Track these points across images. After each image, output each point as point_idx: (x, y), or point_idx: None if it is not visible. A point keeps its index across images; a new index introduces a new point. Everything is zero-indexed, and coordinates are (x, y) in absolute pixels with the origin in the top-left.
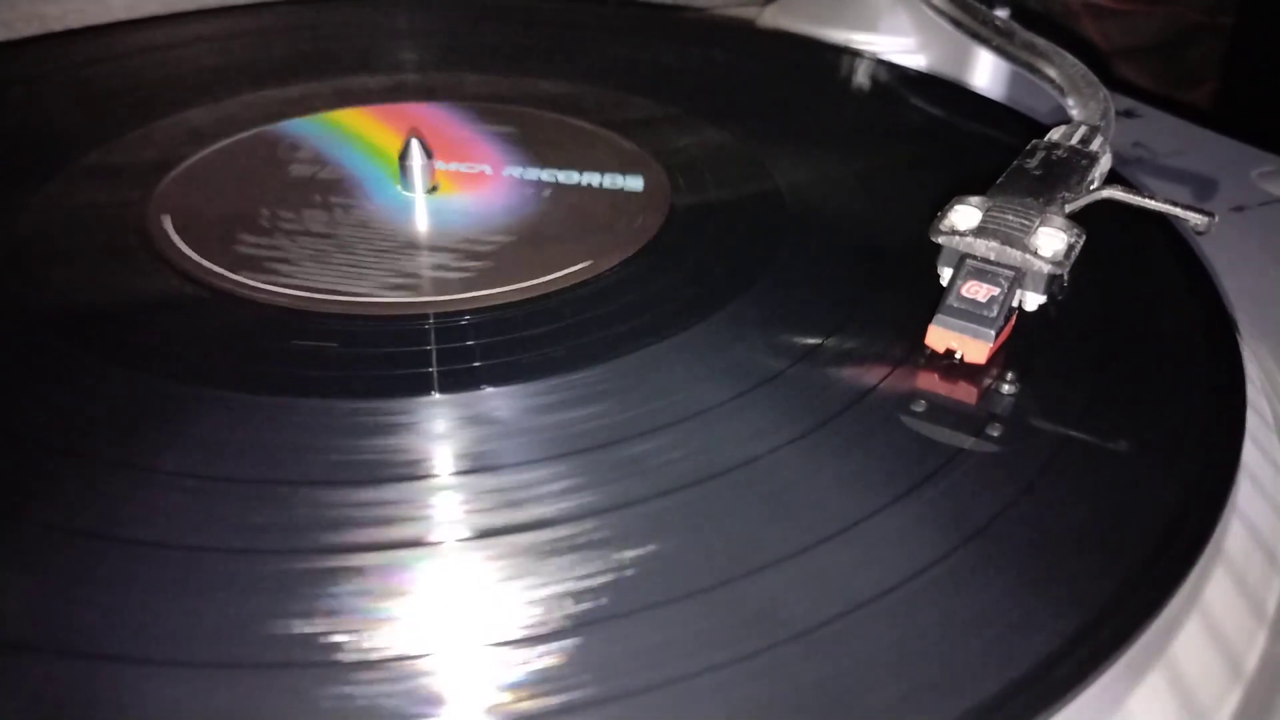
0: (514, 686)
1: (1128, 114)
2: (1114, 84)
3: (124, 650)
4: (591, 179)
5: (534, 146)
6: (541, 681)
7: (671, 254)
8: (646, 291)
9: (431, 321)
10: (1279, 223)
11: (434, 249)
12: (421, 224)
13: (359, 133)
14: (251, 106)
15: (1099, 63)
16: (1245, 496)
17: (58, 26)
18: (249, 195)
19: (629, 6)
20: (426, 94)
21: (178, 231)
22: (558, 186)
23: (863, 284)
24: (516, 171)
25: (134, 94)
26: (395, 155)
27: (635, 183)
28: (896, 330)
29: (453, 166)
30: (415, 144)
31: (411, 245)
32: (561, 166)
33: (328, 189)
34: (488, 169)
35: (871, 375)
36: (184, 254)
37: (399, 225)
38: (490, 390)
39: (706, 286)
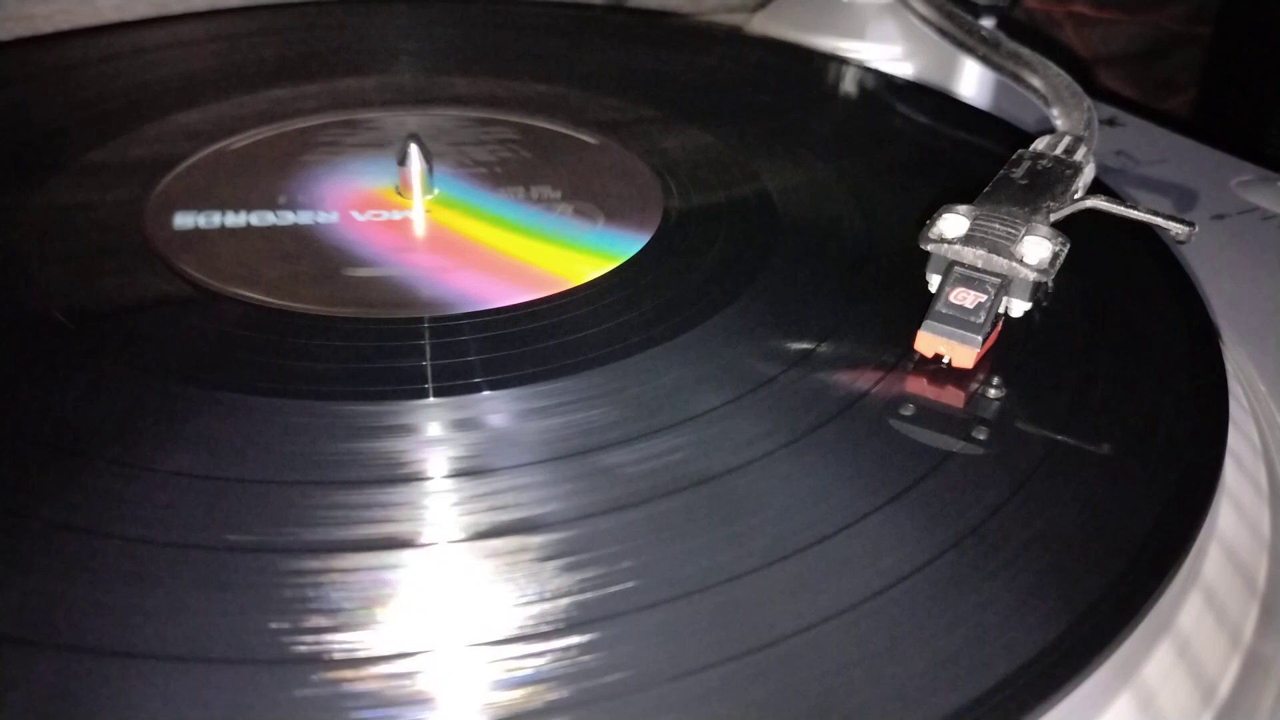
0: (503, 686)
1: (1110, 122)
2: (1096, 92)
3: (118, 645)
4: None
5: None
6: (531, 682)
7: (663, 261)
8: (638, 298)
9: (426, 325)
10: (1258, 230)
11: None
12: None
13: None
14: (243, 109)
15: (1081, 71)
16: (1224, 515)
17: (46, 28)
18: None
19: (618, 12)
20: (418, 97)
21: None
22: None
23: (852, 291)
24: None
25: (124, 96)
26: (395, 160)
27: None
28: (886, 336)
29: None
30: (414, 149)
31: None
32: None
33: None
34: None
35: (862, 380)
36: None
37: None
38: (485, 394)
39: (698, 293)
